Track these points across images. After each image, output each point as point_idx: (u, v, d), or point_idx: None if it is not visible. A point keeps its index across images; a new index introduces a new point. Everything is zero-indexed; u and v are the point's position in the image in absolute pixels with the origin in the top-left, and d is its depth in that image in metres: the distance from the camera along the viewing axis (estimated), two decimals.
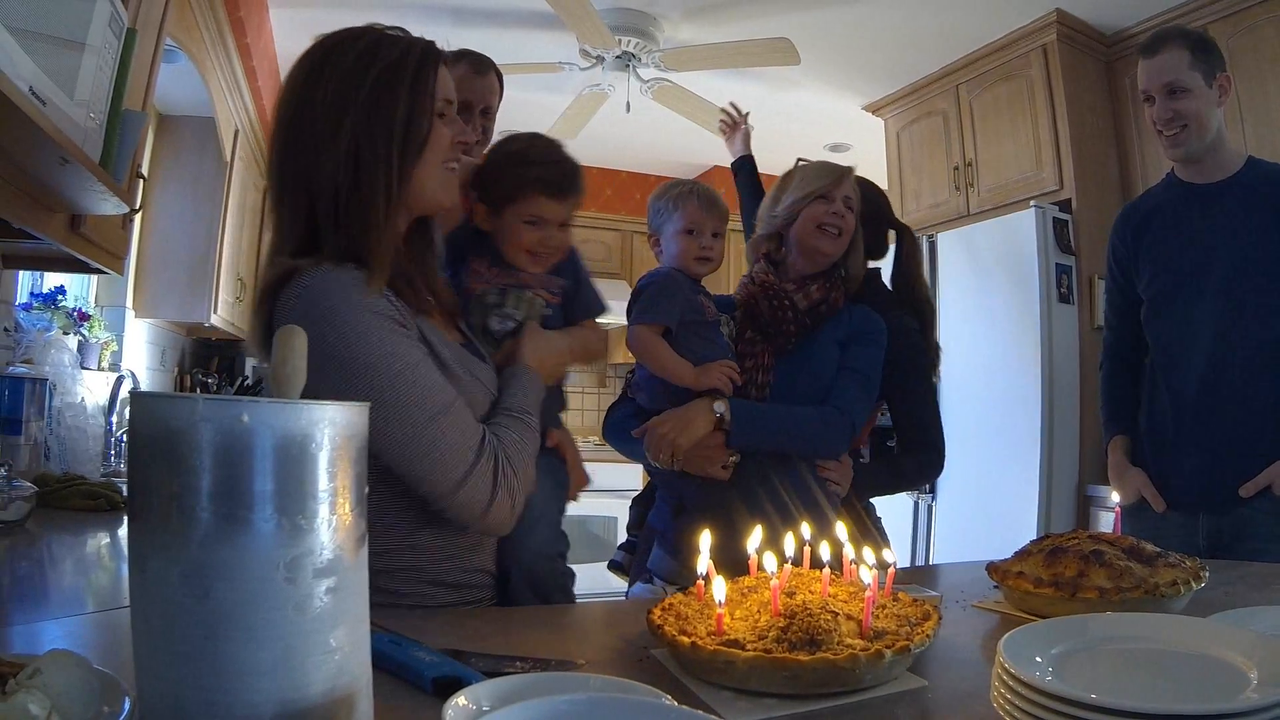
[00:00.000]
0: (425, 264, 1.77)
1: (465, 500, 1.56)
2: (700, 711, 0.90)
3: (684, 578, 2.25)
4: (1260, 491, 2.62)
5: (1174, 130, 2.73)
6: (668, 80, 5.63)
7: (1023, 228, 4.90)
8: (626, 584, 2.50)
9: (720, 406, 2.25)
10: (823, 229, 2.42)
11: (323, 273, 1.50)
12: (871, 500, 2.58)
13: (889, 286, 2.73)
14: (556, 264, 2.11)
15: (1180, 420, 2.79)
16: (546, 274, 2.08)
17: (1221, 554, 2.59)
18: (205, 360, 6.02)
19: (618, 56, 5.37)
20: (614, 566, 2.56)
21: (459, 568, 1.71)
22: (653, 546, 2.42)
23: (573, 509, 2.16)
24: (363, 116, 1.55)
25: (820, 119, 6.77)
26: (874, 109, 6.50)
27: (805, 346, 2.41)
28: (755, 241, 2.58)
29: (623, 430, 2.44)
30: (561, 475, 2.11)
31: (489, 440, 1.61)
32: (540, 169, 2.00)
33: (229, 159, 4.80)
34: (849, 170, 2.50)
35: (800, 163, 2.57)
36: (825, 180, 2.46)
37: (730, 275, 6.64)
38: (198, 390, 5.61)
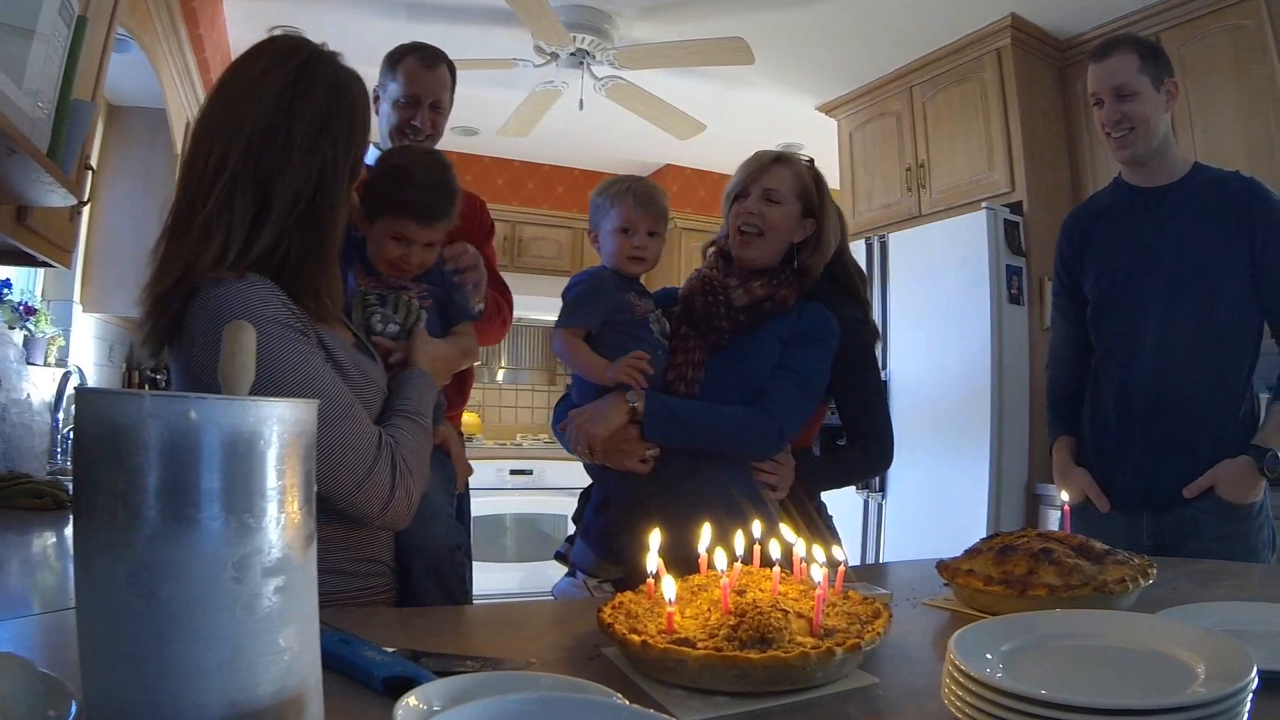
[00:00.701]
0: None
1: (366, 499, 1.63)
2: (652, 710, 0.90)
3: (602, 570, 2.32)
4: (1203, 492, 2.66)
5: (1121, 132, 2.76)
6: (621, 78, 5.62)
7: (974, 229, 4.93)
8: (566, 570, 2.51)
9: (634, 399, 2.26)
10: (740, 233, 2.40)
11: (226, 285, 1.56)
12: (823, 498, 2.58)
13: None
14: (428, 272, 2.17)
15: (1124, 421, 2.83)
16: (415, 281, 2.13)
17: (1165, 553, 2.61)
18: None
19: (572, 54, 5.35)
20: (559, 558, 2.56)
21: (355, 557, 1.76)
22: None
23: (523, 507, 2.21)
24: (332, 145, 1.68)
25: (773, 119, 6.78)
26: (827, 109, 6.52)
27: (741, 344, 2.38)
28: (706, 245, 2.58)
29: (560, 424, 2.46)
30: (449, 470, 2.15)
31: (386, 440, 1.68)
32: (416, 193, 2.03)
33: (180, 152, 4.70)
34: (772, 158, 2.47)
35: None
36: (741, 176, 2.46)
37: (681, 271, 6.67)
38: (146, 387, 5.54)
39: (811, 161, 2.53)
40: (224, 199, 1.60)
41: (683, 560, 1.56)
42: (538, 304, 7.27)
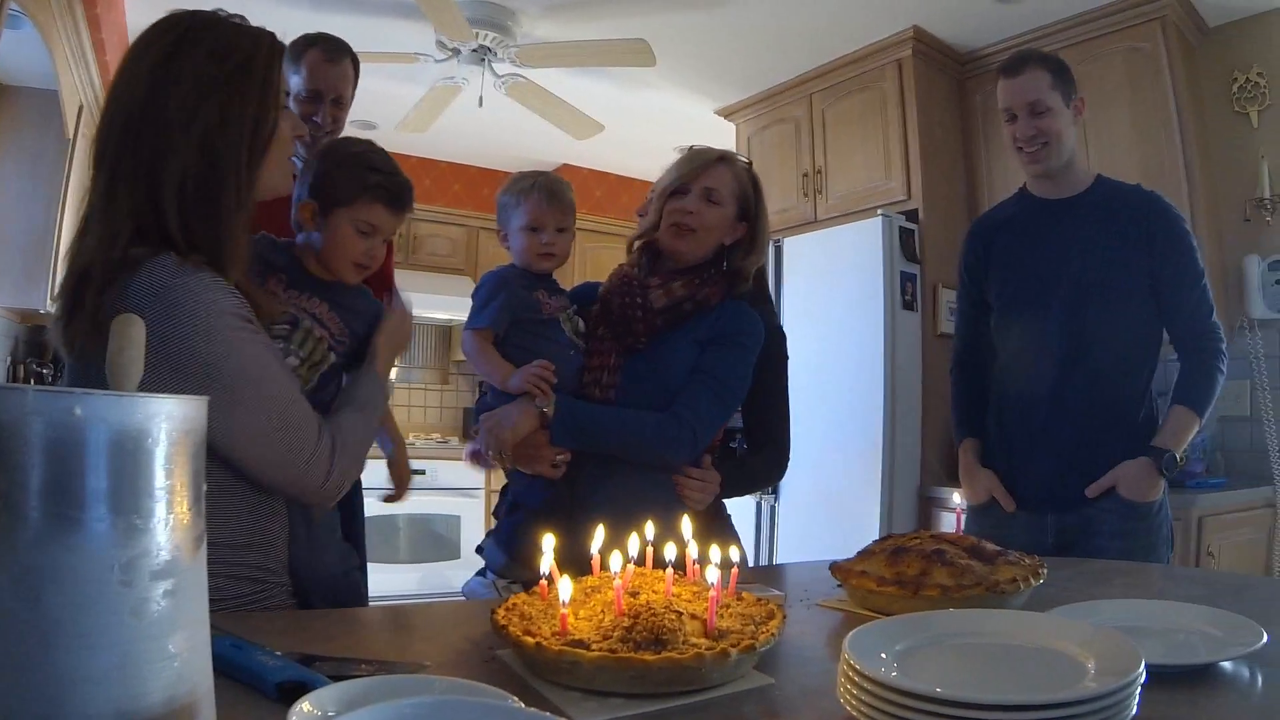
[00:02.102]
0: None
1: (309, 475, 1.67)
2: (548, 713, 0.90)
3: (513, 572, 2.30)
4: (1105, 492, 2.75)
5: (1035, 147, 2.84)
6: (522, 76, 5.60)
7: (869, 235, 4.99)
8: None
9: (543, 404, 2.24)
10: (675, 228, 2.35)
11: (172, 268, 1.50)
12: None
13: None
14: (366, 314, 2.06)
15: (1029, 424, 2.91)
16: (343, 320, 2.00)
17: (1068, 551, 2.73)
18: (40, 350, 5.76)
19: (474, 50, 5.32)
20: (480, 552, 2.54)
21: (251, 562, 1.71)
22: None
23: (416, 508, 2.19)
24: (215, 111, 1.57)
25: (672, 121, 6.81)
26: (726, 113, 6.56)
27: (658, 346, 2.34)
28: (633, 238, 2.52)
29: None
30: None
31: (324, 424, 1.72)
32: (383, 177, 1.98)
33: (72, 136, 4.53)
34: (716, 157, 2.43)
35: (692, 148, 2.51)
36: (681, 171, 2.41)
37: (577, 270, 6.65)
38: (31, 381, 5.37)
39: (750, 164, 2.50)
40: (107, 185, 1.55)
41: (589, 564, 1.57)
42: (431, 302, 7.21)
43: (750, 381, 2.39)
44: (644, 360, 2.34)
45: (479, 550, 2.49)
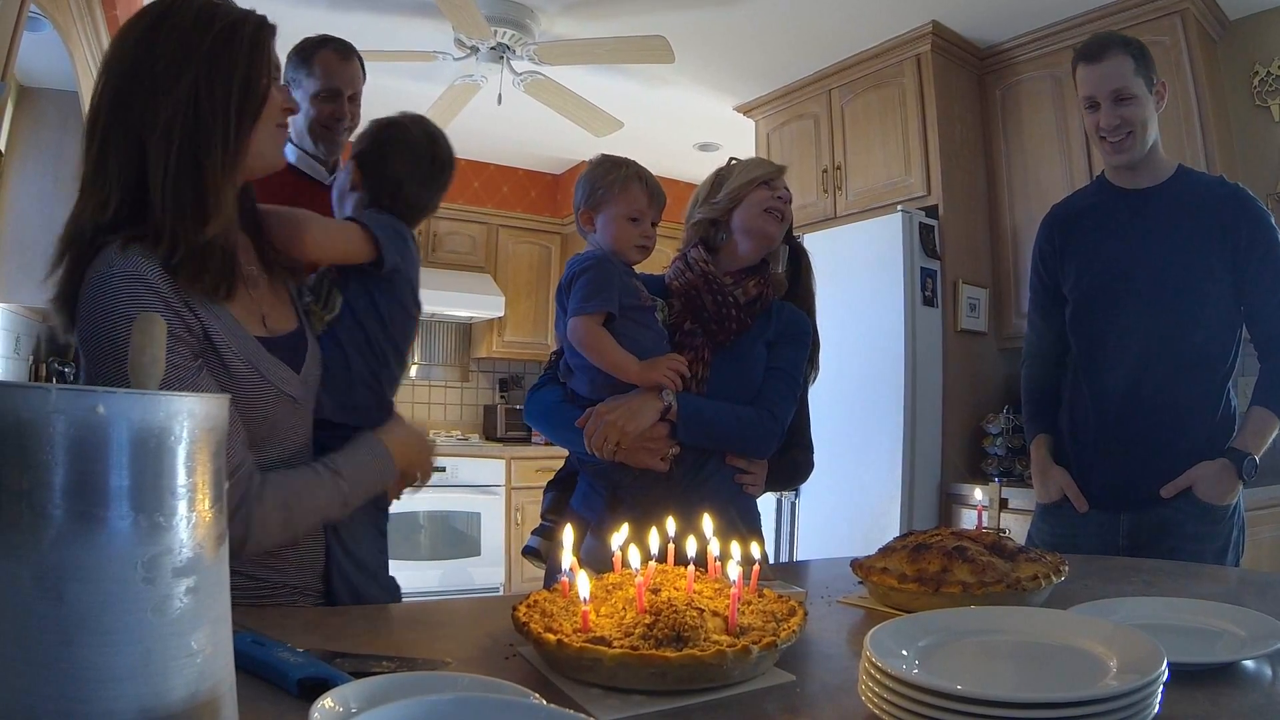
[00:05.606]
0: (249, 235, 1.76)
1: None
2: (569, 710, 0.90)
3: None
4: (1180, 492, 2.68)
5: (1119, 137, 2.74)
6: (541, 74, 5.60)
7: (889, 231, 4.98)
8: (543, 570, 2.47)
9: (669, 398, 2.25)
10: (769, 212, 2.46)
11: (118, 265, 1.47)
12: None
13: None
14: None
15: (1103, 421, 2.84)
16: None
17: (1140, 552, 2.66)
18: (63, 349, 5.78)
19: (492, 48, 5.32)
20: (530, 553, 2.53)
21: (280, 565, 1.70)
22: (584, 536, 2.38)
23: (436, 505, 2.13)
24: (204, 68, 1.54)
25: (691, 118, 6.81)
26: (745, 110, 6.55)
27: (739, 343, 2.41)
28: (697, 224, 2.56)
29: (555, 416, 2.40)
30: (380, 499, 2.01)
31: (245, 469, 1.56)
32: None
33: None
34: (785, 168, 2.58)
35: (733, 161, 2.61)
36: (768, 168, 2.53)
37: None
38: (54, 380, 5.39)
39: None
40: (99, 155, 1.53)
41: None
42: (451, 299, 7.22)
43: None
44: (728, 355, 2.41)
45: (530, 551, 2.49)
